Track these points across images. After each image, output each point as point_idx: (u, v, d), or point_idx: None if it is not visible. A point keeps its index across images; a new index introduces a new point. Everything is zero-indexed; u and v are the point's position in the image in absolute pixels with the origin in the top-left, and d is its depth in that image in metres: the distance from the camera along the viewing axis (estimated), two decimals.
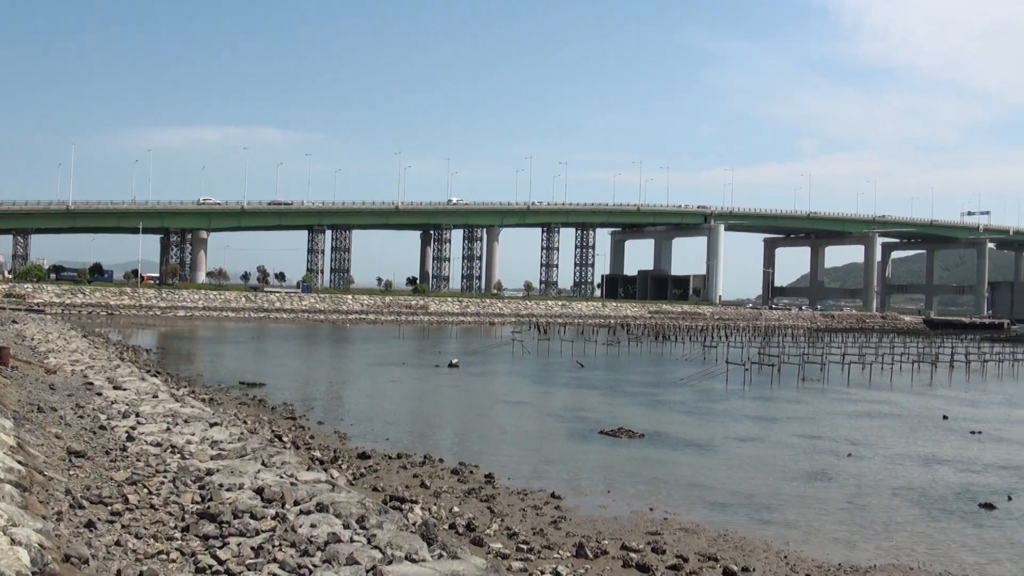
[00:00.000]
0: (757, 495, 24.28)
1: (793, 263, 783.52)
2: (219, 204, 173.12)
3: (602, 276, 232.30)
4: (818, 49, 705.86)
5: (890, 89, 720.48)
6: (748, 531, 20.38)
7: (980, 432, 38.49)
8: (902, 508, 23.64)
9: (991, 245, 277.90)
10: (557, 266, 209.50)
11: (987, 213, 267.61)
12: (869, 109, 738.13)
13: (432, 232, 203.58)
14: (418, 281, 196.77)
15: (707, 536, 19.72)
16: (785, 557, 18.43)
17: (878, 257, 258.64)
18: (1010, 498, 25.20)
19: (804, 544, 19.60)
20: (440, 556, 12.88)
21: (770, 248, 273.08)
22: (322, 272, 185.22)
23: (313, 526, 13.82)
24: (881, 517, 22.46)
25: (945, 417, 43.22)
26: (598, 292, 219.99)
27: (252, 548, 12.63)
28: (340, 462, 25.05)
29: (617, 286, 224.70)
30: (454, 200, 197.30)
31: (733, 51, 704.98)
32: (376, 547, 12.82)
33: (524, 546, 17.50)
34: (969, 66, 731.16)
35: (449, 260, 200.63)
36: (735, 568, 17.14)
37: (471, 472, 25.01)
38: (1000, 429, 40.03)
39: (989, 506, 24.01)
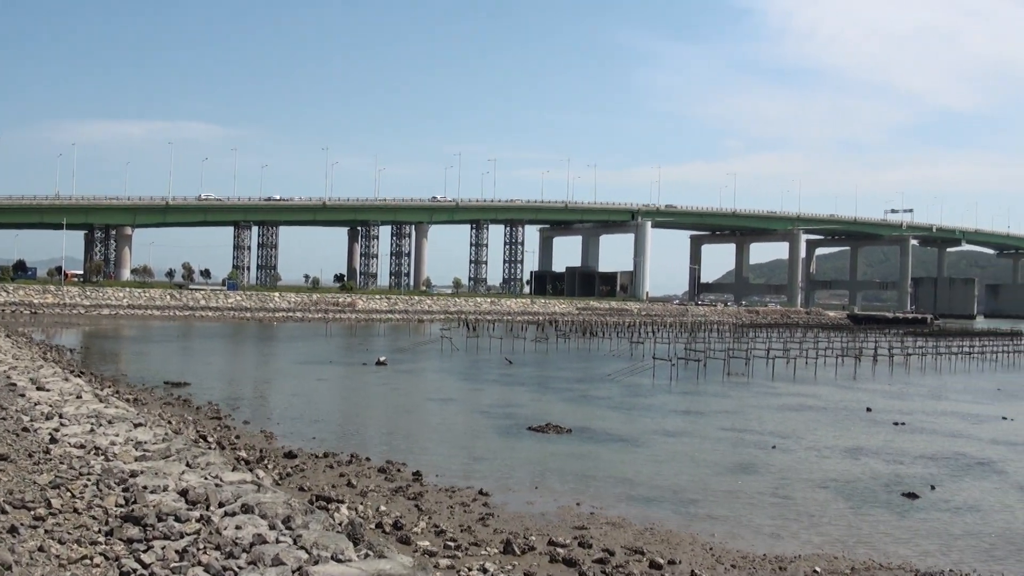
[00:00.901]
0: (683, 489, 24.59)
1: (719, 260, 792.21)
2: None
3: (531, 273, 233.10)
4: (745, 50, 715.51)
5: (816, 90, 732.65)
6: (674, 524, 20.63)
7: (903, 424, 39.34)
8: (827, 499, 24.09)
9: (914, 242, 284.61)
10: (486, 263, 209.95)
11: (910, 211, 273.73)
12: (795, 109, 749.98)
13: (360, 229, 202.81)
14: (346, 278, 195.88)
15: (633, 530, 19.92)
16: (711, 549, 18.69)
17: (802, 254, 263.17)
18: (933, 487, 25.82)
19: (730, 536, 19.90)
20: (366, 555, 12.86)
21: (696, 245, 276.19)
22: (248, 269, 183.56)
23: (238, 527, 13.71)
24: (806, 508, 22.88)
25: (869, 409, 44.07)
26: (527, 289, 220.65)
27: (176, 551, 12.49)
28: (266, 462, 24.83)
29: (546, 283, 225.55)
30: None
31: (662, 51, 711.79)
32: (302, 548, 12.77)
33: (451, 543, 17.51)
34: (893, 68, 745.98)
35: (377, 257, 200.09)
36: (661, 561, 17.33)
37: (398, 470, 24.96)
38: (923, 421, 40.93)
39: (912, 495, 24.60)
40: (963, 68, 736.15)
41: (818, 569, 17.55)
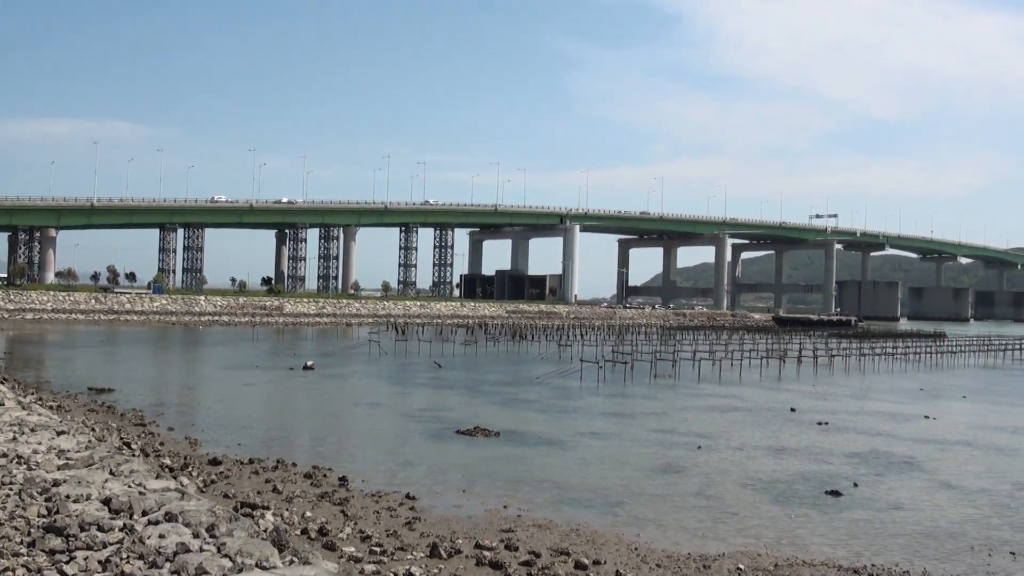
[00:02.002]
0: (610, 490, 24.82)
1: (647, 263, 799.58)
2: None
3: (460, 276, 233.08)
4: (673, 56, 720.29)
5: (742, 97, 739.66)
6: (600, 525, 20.82)
7: (827, 423, 40.09)
8: (751, 498, 24.50)
9: (839, 246, 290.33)
10: (415, 266, 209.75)
11: (835, 216, 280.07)
12: (721, 115, 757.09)
13: (288, 231, 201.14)
14: (273, 281, 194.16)
15: (560, 531, 20.05)
16: (636, 549, 18.90)
17: (728, 257, 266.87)
18: (856, 485, 26.41)
19: (655, 536, 20.14)
20: (291, 562, 12.82)
21: (624, 249, 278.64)
22: (174, 272, 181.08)
23: (162, 536, 13.57)
24: (731, 507, 23.23)
25: (793, 410, 44.85)
26: (456, 292, 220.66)
27: (99, 562, 12.32)
28: (190, 469, 24.59)
29: (475, 286, 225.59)
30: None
31: (591, 56, 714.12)
32: (226, 556, 12.68)
33: (377, 548, 17.51)
34: (818, 77, 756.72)
35: (305, 260, 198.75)
36: (586, 561, 17.49)
37: (325, 476, 24.86)
38: (847, 420, 41.72)
39: (836, 493, 25.13)
40: (886, 78, 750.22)
41: (742, 567, 17.83)
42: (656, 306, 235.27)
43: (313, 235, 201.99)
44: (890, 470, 29.41)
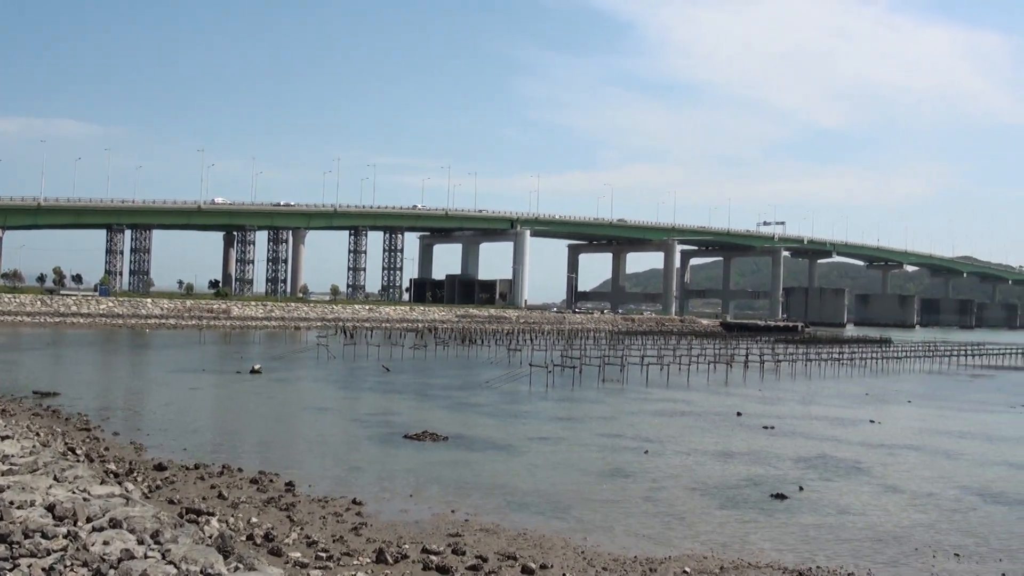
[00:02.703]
0: (557, 494, 24.93)
1: (596, 268, 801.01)
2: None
3: (410, 280, 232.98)
4: (623, 63, 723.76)
5: (692, 105, 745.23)
6: (548, 529, 20.91)
7: (773, 427, 40.57)
8: (698, 501, 24.75)
9: (786, 253, 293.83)
10: (365, 270, 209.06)
11: (782, 223, 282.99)
12: (671, 122, 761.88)
13: (236, 234, 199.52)
14: (221, 284, 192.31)
15: (507, 535, 20.12)
16: (583, 553, 19.02)
17: (677, 264, 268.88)
18: (801, 488, 26.76)
19: (602, 539, 20.28)
20: (237, 568, 12.81)
21: (574, 254, 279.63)
22: (121, 274, 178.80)
23: (106, 543, 13.48)
24: (677, 511, 23.46)
25: (739, 414, 45.27)
26: (406, 296, 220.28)
27: (43, 569, 12.22)
28: (135, 475, 24.33)
29: (425, 290, 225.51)
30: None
31: (543, 61, 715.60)
32: (171, 562, 12.64)
33: (324, 554, 17.46)
34: (768, 86, 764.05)
35: (253, 263, 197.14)
36: (533, 566, 17.56)
37: (271, 481, 24.72)
38: (793, 425, 42.23)
39: (781, 496, 25.46)
40: (836, 88, 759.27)
41: (687, 569, 18.01)
42: (605, 311, 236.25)
43: (262, 237, 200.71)
44: (836, 474, 29.81)
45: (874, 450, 35.37)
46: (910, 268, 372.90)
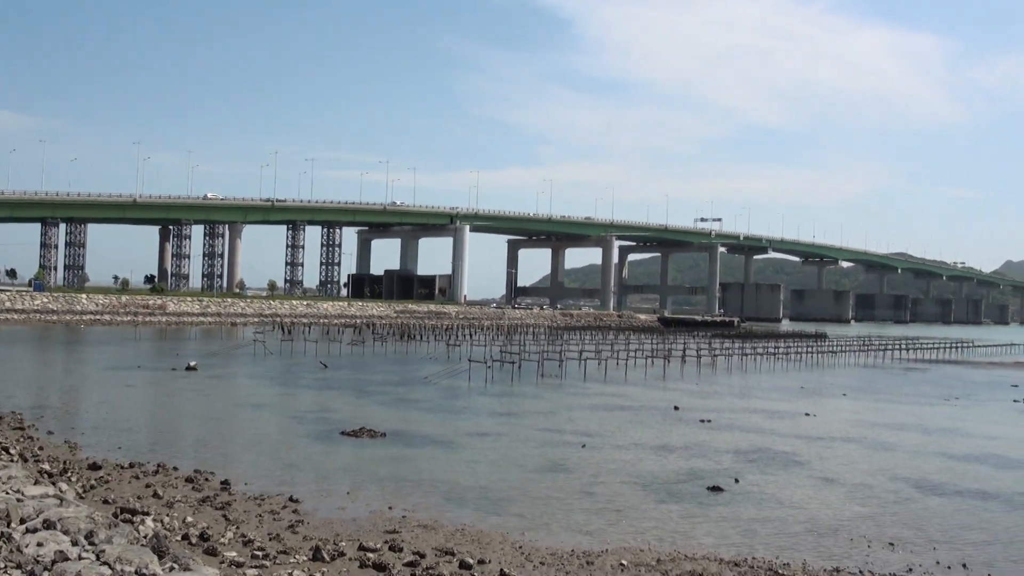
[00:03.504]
0: (496, 489, 25.06)
1: (536, 264, 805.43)
2: None
3: (348, 275, 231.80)
4: (562, 61, 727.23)
5: (630, 102, 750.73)
6: (486, 525, 21.02)
7: (710, 421, 41.07)
8: (635, 494, 25.02)
9: (722, 249, 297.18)
10: (303, 265, 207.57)
11: (719, 220, 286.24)
12: (610, 119, 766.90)
13: (172, 228, 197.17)
14: (156, 279, 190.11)
15: (445, 531, 20.19)
16: (520, 547, 19.15)
17: (615, 259, 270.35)
18: (737, 480, 27.17)
19: (540, 533, 20.43)
20: (172, 569, 12.78)
21: (514, 249, 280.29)
22: (56, 269, 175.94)
23: (40, 544, 13.37)
24: (614, 504, 23.69)
25: (677, 408, 45.75)
26: (344, 292, 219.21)
27: None
28: (70, 474, 24.01)
29: (364, 286, 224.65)
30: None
31: (482, 57, 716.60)
32: (105, 563, 12.58)
33: (259, 553, 17.39)
34: (707, 85, 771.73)
35: (189, 258, 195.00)
36: (471, 561, 17.66)
37: (207, 479, 24.55)
38: (729, 418, 42.78)
39: (717, 488, 25.81)
40: (773, 88, 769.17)
41: (624, 562, 18.21)
42: (544, 306, 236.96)
43: (198, 232, 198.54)
44: (771, 466, 30.29)
45: (809, 442, 35.98)
46: (845, 264, 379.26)
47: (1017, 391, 63.06)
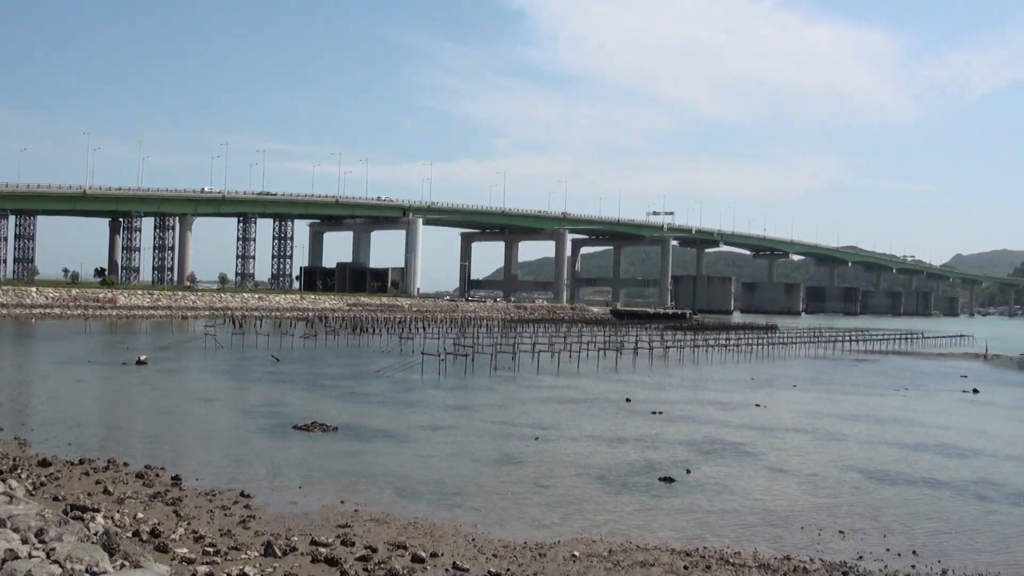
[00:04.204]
0: (449, 482, 25.19)
1: (489, 257, 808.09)
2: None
3: (300, 268, 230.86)
4: (515, 53, 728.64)
5: (583, 96, 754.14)
6: (438, 517, 21.14)
7: (662, 413, 41.41)
8: (587, 486, 25.25)
9: (674, 242, 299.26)
10: (254, 258, 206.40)
11: (671, 214, 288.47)
12: (562, 113, 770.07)
13: (122, 220, 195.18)
14: (107, 272, 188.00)
15: (397, 525, 20.28)
16: (473, 540, 19.28)
17: (568, 252, 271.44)
18: (688, 471, 27.51)
19: (493, 526, 20.61)
20: (122, 566, 12.77)
21: (467, 242, 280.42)
22: (5, 262, 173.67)
23: None
24: (567, 495, 23.92)
25: (629, 400, 46.10)
26: (296, 284, 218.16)
27: None
28: (19, 471, 23.82)
29: (316, 278, 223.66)
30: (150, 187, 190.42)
31: (434, 49, 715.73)
32: (56, 561, 12.55)
33: (211, 548, 17.40)
34: (660, 79, 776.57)
35: (140, 250, 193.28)
36: (423, 554, 17.77)
37: (157, 475, 24.46)
38: (681, 409, 43.21)
39: (669, 479, 26.14)
40: (726, 83, 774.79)
41: (577, 553, 18.42)
42: (498, 299, 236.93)
43: (148, 224, 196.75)
44: (722, 456, 30.70)
45: (759, 433, 36.48)
46: (796, 257, 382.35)
47: (966, 381, 64.04)
